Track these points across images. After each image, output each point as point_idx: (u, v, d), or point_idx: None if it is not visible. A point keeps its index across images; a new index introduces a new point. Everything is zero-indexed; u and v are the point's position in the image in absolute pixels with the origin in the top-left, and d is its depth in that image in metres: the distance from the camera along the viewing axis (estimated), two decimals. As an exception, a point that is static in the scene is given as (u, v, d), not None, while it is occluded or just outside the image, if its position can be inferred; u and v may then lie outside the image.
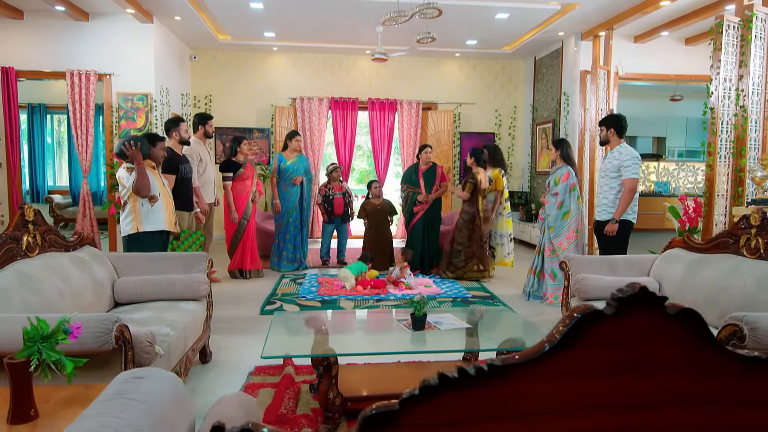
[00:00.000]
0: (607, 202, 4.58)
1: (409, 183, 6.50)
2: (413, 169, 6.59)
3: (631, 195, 4.40)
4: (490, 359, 0.85)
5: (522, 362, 0.84)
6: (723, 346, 0.87)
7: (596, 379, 0.85)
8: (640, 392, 0.86)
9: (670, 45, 7.65)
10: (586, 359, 0.85)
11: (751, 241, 2.96)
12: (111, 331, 2.03)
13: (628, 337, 0.85)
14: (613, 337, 0.85)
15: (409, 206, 6.45)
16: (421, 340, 2.70)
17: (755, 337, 2.12)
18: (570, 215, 5.05)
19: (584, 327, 0.85)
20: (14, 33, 6.69)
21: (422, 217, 6.39)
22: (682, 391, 0.87)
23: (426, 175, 6.45)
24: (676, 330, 0.85)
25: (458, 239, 6.05)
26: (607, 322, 0.84)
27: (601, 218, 4.59)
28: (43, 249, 2.83)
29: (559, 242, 5.05)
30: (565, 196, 5.04)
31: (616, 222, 4.41)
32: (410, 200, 6.42)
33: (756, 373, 0.88)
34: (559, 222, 5.06)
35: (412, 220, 6.45)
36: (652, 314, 0.85)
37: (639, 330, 0.85)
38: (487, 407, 0.84)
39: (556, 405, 0.85)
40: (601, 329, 0.85)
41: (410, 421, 0.83)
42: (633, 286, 0.85)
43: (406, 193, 6.50)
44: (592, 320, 0.85)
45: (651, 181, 11.07)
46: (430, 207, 6.38)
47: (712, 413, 0.87)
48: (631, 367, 0.86)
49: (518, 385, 0.85)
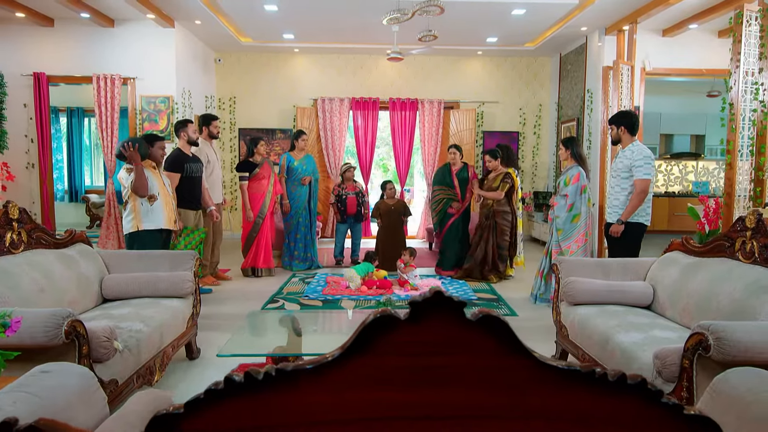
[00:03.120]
0: (618, 203, 4.38)
1: (443, 185, 6.27)
2: (446, 170, 6.33)
3: (642, 197, 4.14)
4: (282, 363, 0.82)
5: (312, 368, 0.81)
6: (533, 355, 0.80)
7: (390, 388, 0.81)
8: (438, 403, 0.81)
9: (701, 38, 7.27)
10: (380, 367, 0.81)
11: (746, 245, 2.77)
12: (61, 326, 2.09)
13: (425, 345, 0.80)
14: (409, 344, 0.80)
15: (443, 209, 6.23)
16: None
17: (720, 348, 1.98)
18: (580, 218, 4.87)
19: (378, 333, 0.80)
20: (46, 40, 7.03)
21: (460, 216, 6.22)
22: (485, 403, 0.81)
23: (460, 176, 6.23)
24: (479, 338, 0.80)
25: (501, 243, 5.89)
26: (402, 329, 0.80)
27: (612, 220, 4.40)
28: (29, 246, 2.95)
29: (567, 245, 4.88)
30: (575, 198, 4.86)
31: (622, 223, 4.20)
32: (444, 204, 6.21)
33: (572, 386, 0.81)
34: (568, 225, 4.88)
35: (447, 221, 6.25)
36: (451, 321, 0.80)
37: (437, 337, 0.80)
38: (272, 415, 0.81)
39: (346, 415, 0.81)
40: (396, 336, 0.80)
41: (193, 427, 0.81)
42: (432, 291, 0.81)
43: (440, 197, 6.26)
44: (385, 326, 0.80)
45: (689, 180, 10.57)
46: (466, 208, 6.27)
47: (519, 428, 0.81)
48: (430, 377, 0.81)
49: (308, 392, 0.81)
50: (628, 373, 0.81)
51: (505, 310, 4.86)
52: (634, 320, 2.90)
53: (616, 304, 3.21)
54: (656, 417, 0.80)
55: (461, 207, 6.19)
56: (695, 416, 0.81)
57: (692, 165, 10.60)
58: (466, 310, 0.79)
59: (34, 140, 7.04)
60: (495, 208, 5.84)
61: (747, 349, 1.97)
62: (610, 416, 0.80)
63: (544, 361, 0.80)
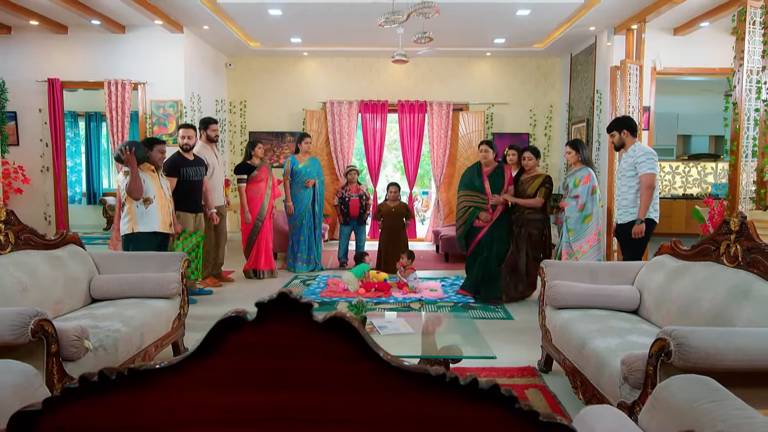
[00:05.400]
0: (627, 203, 4.35)
1: (471, 189, 5.12)
2: (475, 171, 5.18)
3: (650, 192, 4.19)
4: (141, 364, 0.83)
5: (164, 369, 0.81)
6: (383, 358, 0.79)
7: (240, 390, 0.81)
8: (286, 406, 0.81)
9: (714, 36, 7.08)
10: (229, 369, 0.81)
11: (730, 248, 2.69)
12: (27, 325, 2.14)
13: (271, 347, 0.80)
14: (256, 346, 0.80)
15: (469, 219, 5.11)
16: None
17: (681, 354, 1.92)
18: (591, 218, 4.81)
19: (226, 334, 0.81)
20: (60, 47, 7.23)
21: (489, 231, 5.05)
22: (335, 406, 0.80)
23: (492, 179, 5.11)
24: (327, 341, 0.79)
25: (535, 256, 5.10)
26: (247, 330, 0.80)
27: (623, 220, 4.35)
28: (17, 247, 3.03)
29: (579, 246, 4.80)
30: (586, 199, 4.80)
31: (642, 222, 4.19)
32: (471, 214, 5.09)
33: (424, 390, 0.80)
34: (579, 225, 4.82)
35: (476, 235, 5.08)
36: (298, 323, 0.79)
37: (283, 339, 0.80)
38: (128, 415, 0.82)
39: (198, 415, 0.81)
40: (242, 337, 0.80)
41: (50, 426, 0.82)
42: (278, 293, 0.80)
43: (465, 205, 5.13)
44: (232, 327, 0.80)
45: (708, 182, 10.31)
46: (498, 219, 5.08)
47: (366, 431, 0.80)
48: (280, 379, 0.81)
49: (161, 393, 0.82)
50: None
51: (502, 314, 4.80)
52: (615, 325, 2.84)
53: (602, 309, 3.15)
54: (511, 423, 0.79)
55: (491, 219, 5.05)
56: (552, 423, 0.79)
57: (711, 166, 10.34)
58: (317, 312, 0.79)
59: (49, 144, 7.24)
60: (527, 215, 5.05)
61: (709, 355, 1.91)
62: (463, 421, 0.79)
63: (394, 364, 0.79)
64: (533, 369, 3.43)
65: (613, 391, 2.32)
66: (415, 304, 5.03)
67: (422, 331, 2.89)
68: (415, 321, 2.97)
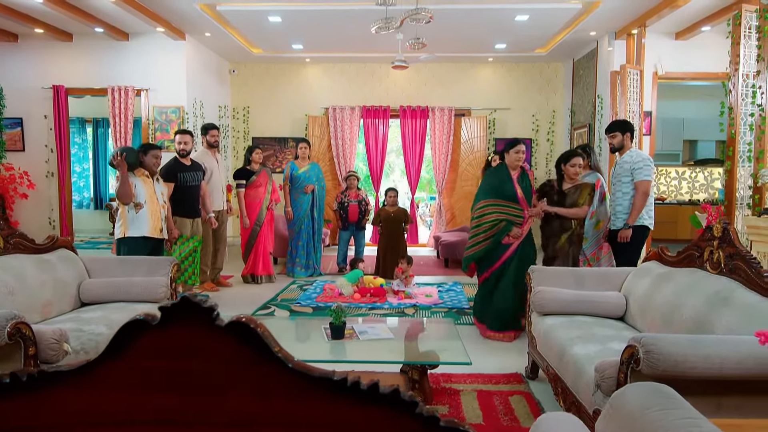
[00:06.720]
0: (621, 209, 4.33)
1: (500, 197, 4.15)
2: (505, 175, 4.21)
3: (644, 198, 4.19)
4: (51, 366, 0.84)
5: (73, 371, 0.83)
6: (285, 363, 0.80)
7: (146, 392, 0.82)
8: (190, 409, 0.81)
9: (715, 41, 7.00)
10: (135, 371, 0.82)
11: (713, 255, 2.66)
12: (4, 328, 2.17)
13: (174, 350, 0.81)
14: (160, 348, 0.81)
15: (496, 235, 4.12)
16: (336, 350, 2.66)
17: (649, 361, 1.90)
18: (602, 224, 4.77)
19: (132, 337, 0.82)
20: (65, 54, 7.35)
21: (517, 249, 4.15)
22: (235, 409, 0.81)
23: (523, 184, 4.23)
24: (230, 344, 0.80)
25: None
26: (151, 333, 0.81)
27: (616, 226, 4.33)
28: (5, 251, 3.09)
29: (593, 252, 4.74)
30: (597, 205, 4.75)
31: (629, 227, 4.16)
32: (502, 229, 4.11)
33: (327, 394, 0.80)
34: (591, 231, 4.77)
35: (501, 255, 4.14)
36: (200, 326, 0.80)
37: (186, 342, 0.81)
38: (35, 415, 0.83)
39: (104, 417, 0.83)
40: (147, 340, 0.81)
41: (-38, 425, 0.84)
42: (179, 297, 0.81)
43: (495, 219, 4.12)
44: (138, 330, 0.82)
45: (715, 188, 10.18)
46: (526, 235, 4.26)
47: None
48: (184, 382, 0.82)
49: (69, 395, 0.83)
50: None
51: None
52: (599, 332, 2.81)
53: (587, 315, 3.13)
54: (411, 428, 0.79)
55: (521, 233, 4.17)
56: (452, 429, 0.79)
57: (718, 172, 10.21)
58: (219, 316, 0.80)
59: (54, 150, 7.35)
60: (578, 230, 4.25)
61: (677, 363, 1.89)
62: (364, 425, 0.79)
63: (297, 369, 0.79)
64: (520, 376, 3.41)
65: (589, 398, 2.30)
66: (410, 309, 5.03)
67: (404, 336, 2.88)
68: (398, 326, 2.96)
